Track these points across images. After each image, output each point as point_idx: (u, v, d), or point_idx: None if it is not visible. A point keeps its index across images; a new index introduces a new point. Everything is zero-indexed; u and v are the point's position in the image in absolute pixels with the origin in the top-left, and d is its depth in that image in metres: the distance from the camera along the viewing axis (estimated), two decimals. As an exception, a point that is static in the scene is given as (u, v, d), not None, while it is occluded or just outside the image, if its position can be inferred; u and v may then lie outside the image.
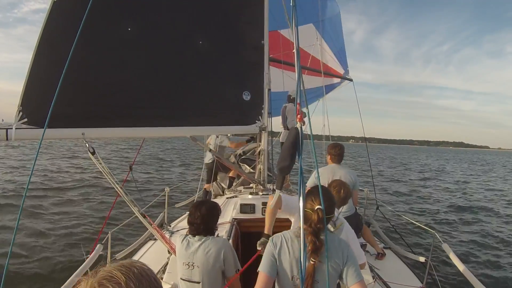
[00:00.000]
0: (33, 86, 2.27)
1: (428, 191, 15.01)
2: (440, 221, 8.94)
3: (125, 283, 0.61)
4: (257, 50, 3.41)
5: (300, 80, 1.67)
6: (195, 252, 2.20)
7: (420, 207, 10.72)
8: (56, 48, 2.39)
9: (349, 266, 1.70)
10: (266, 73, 3.47)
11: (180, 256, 2.24)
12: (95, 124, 2.45)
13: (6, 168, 14.43)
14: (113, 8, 2.65)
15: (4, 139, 2.10)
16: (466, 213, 10.00)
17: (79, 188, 10.92)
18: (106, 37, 2.61)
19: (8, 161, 16.90)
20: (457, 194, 14.49)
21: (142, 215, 2.58)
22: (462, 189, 16.42)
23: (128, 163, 4.65)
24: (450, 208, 10.73)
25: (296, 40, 1.80)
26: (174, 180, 13.75)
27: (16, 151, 22.14)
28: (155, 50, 2.86)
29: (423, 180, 19.88)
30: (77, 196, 9.96)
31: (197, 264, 2.18)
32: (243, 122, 3.34)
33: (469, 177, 23.30)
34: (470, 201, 12.36)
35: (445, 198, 12.91)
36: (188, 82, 3.00)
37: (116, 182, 2.43)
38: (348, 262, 1.71)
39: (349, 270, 1.70)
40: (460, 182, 19.08)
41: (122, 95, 2.65)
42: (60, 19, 2.40)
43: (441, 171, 28.18)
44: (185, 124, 2.97)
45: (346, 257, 1.72)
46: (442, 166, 36.17)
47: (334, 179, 3.06)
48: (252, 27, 3.39)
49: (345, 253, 1.73)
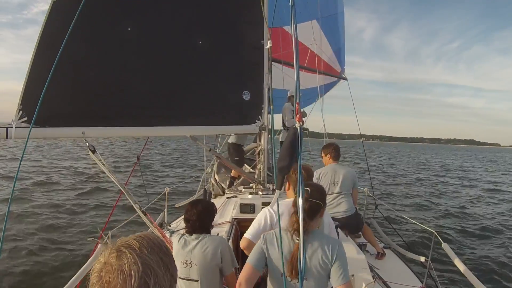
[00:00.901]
0: (33, 85, 2.28)
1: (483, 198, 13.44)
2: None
3: (139, 248, 0.75)
4: (257, 50, 3.41)
5: (298, 80, 1.68)
6: (192, 250, 2.21)
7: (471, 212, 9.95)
8: (56, 48, 2.40)
9: (336, 266, 1.71)
10: (266, 73, 3.48)
11: (177, 255, 2.24)
12: (95, 123, 2.46)
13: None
14: (113, 8, 2.66)
15: (4, 137, 2.11)
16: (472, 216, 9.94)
17: (81, 188, 10.95)
18: (106, 37, 2.62)
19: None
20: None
21: (143, 213, 2.58)
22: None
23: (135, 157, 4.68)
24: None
25: (295, 40, 1.81)
26: (174, 181, 13.76)
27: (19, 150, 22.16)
28: (155, 50, 2.86)
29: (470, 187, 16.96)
30: (78, 196, 9.98)
31: (195, 262, 2.19)
32: (243, 121, 3.35)
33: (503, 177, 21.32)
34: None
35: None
36: (188, 81, 3.01)
37: (118, 180, 2.43)
38: (337, 262, 1.71)
39: (336, 270, 1.71)
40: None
41: (122, 94, 2.66)
42: (60, 19, 2.40)
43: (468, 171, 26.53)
44: (185, 123, 2.97)
45: (335, 257, 1.72)
46: (465, 166, 33.94)
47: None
48: (252, 27, 3.40)
49: (334, 252, 1.73)
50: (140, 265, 0.73)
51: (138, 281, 0.71)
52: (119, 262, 0.73)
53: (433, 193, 14.03)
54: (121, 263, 0.72)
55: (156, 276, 0.74)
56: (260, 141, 4.67)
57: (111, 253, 0.75)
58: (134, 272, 0.71)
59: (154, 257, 0.76)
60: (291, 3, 1.86)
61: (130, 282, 0.71)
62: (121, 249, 0.75)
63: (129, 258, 0.73)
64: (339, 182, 3.73)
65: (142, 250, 0.75)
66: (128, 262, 0.72)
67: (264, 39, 3.44)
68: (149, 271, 0.73)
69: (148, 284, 0.72)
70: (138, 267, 0.72)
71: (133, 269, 0.72)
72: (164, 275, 0.76)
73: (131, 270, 0.71)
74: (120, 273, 0.71)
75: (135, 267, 0.72)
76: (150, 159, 21.89)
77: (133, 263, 0.72)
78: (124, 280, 0.71)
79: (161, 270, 0.76)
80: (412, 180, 18.42)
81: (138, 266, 0.72)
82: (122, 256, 0.73)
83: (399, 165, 30.43)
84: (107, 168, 2.46)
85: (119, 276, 0.71)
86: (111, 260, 0.74)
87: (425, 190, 14.86)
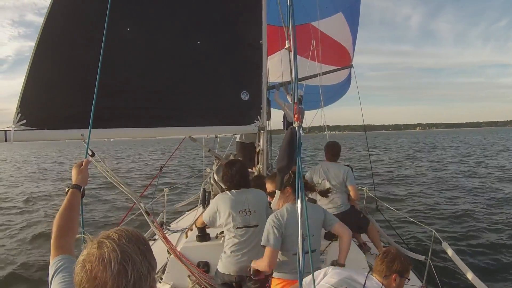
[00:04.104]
0: (32, 87, 2.28)
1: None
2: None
3: (118, 238, 0.81)
4: (256, 50, 3.41)
5: (296, 80, 1.68)
6: (247, 200, 2.53)
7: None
8: (55, 49, 2.40)
9: (326, 216, 2.44)
10: (265, 73, 3.48)
11: (233, 207, 2.50)
12: (94, 125, 2.45)
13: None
14: (112, 8, 2.65)
15: (3, 140, 2.11)
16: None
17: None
18: (105, 37, 2.61)
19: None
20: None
21: (146, 213, 2.57)
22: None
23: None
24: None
25: (293, 40, 1.81)
26: (174, 181, 13.76)
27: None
28: (153, 50, 2.86)
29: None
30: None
31: (253, 209, 2.51)
32: (241, 122, 3.35)
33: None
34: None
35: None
36: (187, 82, 3.01)
37: (121, 182, 2.40)
38: (326, 215, 2.44)
39: (327, 218, 2.43)
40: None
41: (121, 95, 2.65)
42: (60, 19, 2.40)
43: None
44: (184, 124, 2.97)
45: (324, 215, 2.44)
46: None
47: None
48: (251, 27, 3.39)
49: (322, 212, 2.45)
50: (118, 252, 0.79)
51: (117, 266, 0.77)
52: (99, 251, 0.79)
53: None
54: (102, 252, 0.79)
55: (134, 262, 0.80)
56: (259, 141, 4.66)
57: (92, 245, 0.82)
58: (113, 259, 0.78)
59: (132, 246, 0.82)
60: (289, 2, 1.86)
61: (110, 268, 0.77)
62: (101, 240, 0.82)
63: (109, 247, 0.79)
64: (329, 179, 3.83)
65: (121, 240, 0.81)
66: (108, 250, 0.79)
67: (263, 38, 3.44)
68: (127, 257, 0.79)
69: (126, 269, 0.78)
70: (116, 254, 0.78)
71: (112, 256, 0.78)
72: (141, 262, 0.82)
73: (110, 257, 0.78)
74: (101, 260, 0.78)
75: (114, 254, 0.78)
76: (150, 160, 21.87)
77: (112, 251, 0.79)
78: (104, 266, 0.77)
79: (139, 257, 0.81)
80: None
81: (117, 253, 0.79)
82: (102, 246, 0.80)
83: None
84: (109, 171, 2.43)
85: (100, 263, 0.78)
86: (92, 251, 0.80)
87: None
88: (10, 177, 17.96)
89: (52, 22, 2.35)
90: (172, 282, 2.71)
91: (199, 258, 2.91)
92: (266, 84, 3.50)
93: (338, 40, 7.32)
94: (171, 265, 2.78)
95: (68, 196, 1.54)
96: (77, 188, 1.60)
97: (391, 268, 1.86)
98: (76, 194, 1.58)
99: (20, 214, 9.40)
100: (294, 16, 1.81)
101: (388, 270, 1.86)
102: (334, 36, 7.23)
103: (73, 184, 1.63)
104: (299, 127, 1.69)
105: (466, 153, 28.60)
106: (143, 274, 0.81)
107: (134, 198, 2.50)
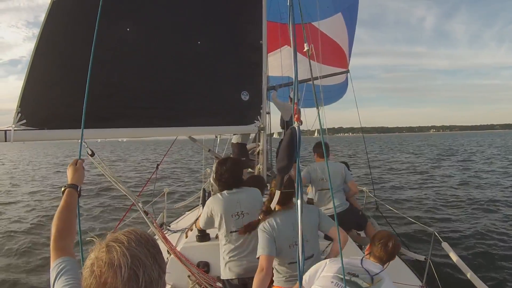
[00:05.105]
0: (32, 87, 2.27)
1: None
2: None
3: (127, 242, 0.79)
4: (256, 50, 3.41)
5: (297, 79, 1.67)
6: (240, 202, 2.37)
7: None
8: (55, 49, 2.39)
9: (321, 219, 2.35)
10: (265, 73, 3.47)
11: (226, 210, 2.37)
12: (94, 125, 2.45)
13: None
14: (112, 8, 2.65)
15: (3, 140, 2.10)
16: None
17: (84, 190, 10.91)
18: (105, 37, 2.61)
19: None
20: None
21: (145, 212, 2.57)
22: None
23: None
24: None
25: (293, 40, 1.80)
26: (174, 181, 13.76)
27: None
28: (153, 50, 2.86)
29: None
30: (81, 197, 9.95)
31: (246, 211, 2.36)
32: (241, 122, 3.34)
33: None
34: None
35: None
36: (187, 82, 3.00)
37: (120, 182, 2.40)
38: (321, 217, 2.36)
39: (323, 221, 2.35)
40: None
41: (121, 95, 2.65)
42: (60, 19, 2.40)
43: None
44: (184, 124, 2.96)
45: (318, 218, 2.35)
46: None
47: (380, 231, 2.61)
48: (251, 27, 3.39)
49: (316, 215, 2.35)
50: (128, 257, 0.76)
51: (128, 272, 0.75)
52: (109, 256, 0.77)
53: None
54: (111, 256, 0.77)
55: (145, 266, 0.78)
56: (259, 142, 4.66)
57: (101, 248, 0.79)
58: (124, 263, 0.75)
59: (142, 249, 0.80)
60: (289, 2, 1.85)
61: (121, 273, 0.75)
62: (110, 243, 0.79)
63: (118, 252, 0.77)
64: (327, 178, 3.81)
65: (130, 243, 0.79)
66: (118, 255, 0.76)
67: (263, 38, 3.44)
68: (137, 262, 0.77)
69: (137, 274, 0.76)
70: (127, 259, 0.76)
71: (122, 261, 0.76)
72: (152, 266, 0.80)
73: (121, 262, 0.75)
74: (111, 266, 0.75)
75: (124, 259, 0.76)
76: (149, 162, 21.87)
77: (122, 255, 0.76)
78: (114, 272, 0.75)
79: (149, 261, 0.79)
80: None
81: (127, 258, 0.76)
82: (111, 250, 0.78)
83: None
84: (108, 171, 2.43)
85: (109, 268, 0.75)
86: (101, 255, 0.78)
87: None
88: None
89: (52, 22, 2.35)
90: (172, 282, 2.71)
91: (199, 258, 2.90)
92: (266, 84, 3.49)
93: (337, 41, 7.38)
94: (171, 265, 2.77)
95: (64, 196, 1.50)
96: (73, 188, 1.56)
97: (392, 256, 2.16)
98: (73, 193, 1.53)
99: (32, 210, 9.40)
100: (299, 15, 1.81)
101: (388, 258, 2.16)
102: (334, 37, 7.29)
103: (69, 184, 1.58)
104: (299, 127, 1.69)
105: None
106: (154, 278, 0.79)
107: (132, 197, 2.49)
